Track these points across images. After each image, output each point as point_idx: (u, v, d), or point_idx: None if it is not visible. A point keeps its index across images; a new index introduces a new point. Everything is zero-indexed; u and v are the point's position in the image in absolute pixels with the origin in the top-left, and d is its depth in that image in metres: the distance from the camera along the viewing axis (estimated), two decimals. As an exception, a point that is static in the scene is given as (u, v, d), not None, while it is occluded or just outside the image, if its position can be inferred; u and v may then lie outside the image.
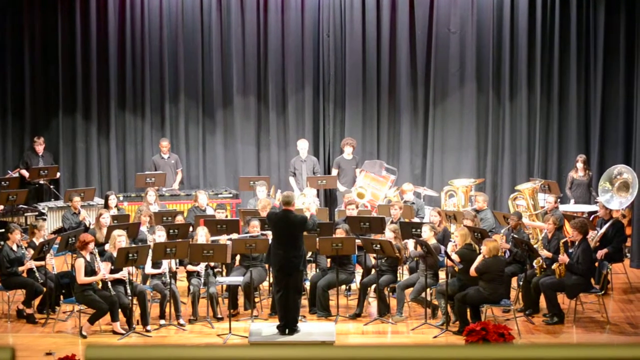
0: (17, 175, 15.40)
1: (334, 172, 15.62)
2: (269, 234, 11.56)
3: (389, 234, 11.94)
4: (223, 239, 12.36)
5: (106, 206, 13.75)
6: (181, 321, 11.54)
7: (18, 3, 16.25)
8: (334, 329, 11.31)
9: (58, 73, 16.34)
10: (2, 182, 14.82)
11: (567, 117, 16.28)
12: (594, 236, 12.70)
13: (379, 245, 11.65)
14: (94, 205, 14.87)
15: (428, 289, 11.69)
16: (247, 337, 11.07)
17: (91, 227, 13.15)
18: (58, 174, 15.83)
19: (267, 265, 11.93)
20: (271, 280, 11.72)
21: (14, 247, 11.82)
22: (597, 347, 2.97)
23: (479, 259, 11.17)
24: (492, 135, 16.43)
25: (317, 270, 12.40)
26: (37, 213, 14.75)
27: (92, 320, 11.18)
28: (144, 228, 12.89)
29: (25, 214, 14.76)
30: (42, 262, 11.76)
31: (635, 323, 11.72)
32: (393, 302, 11.90)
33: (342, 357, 2.95)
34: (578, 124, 16.22)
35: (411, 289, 11.77)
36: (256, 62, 16.55)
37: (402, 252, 11.89)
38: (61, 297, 11.89)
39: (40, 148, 15.84)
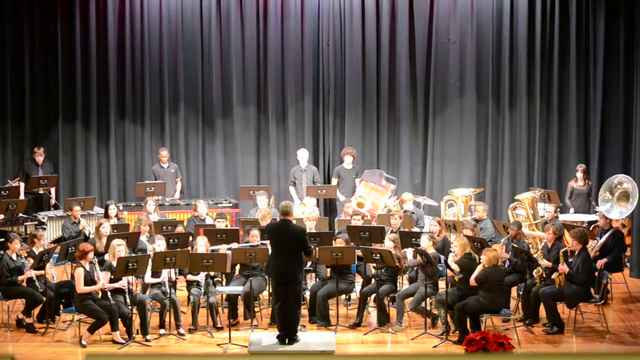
0: (16, 184, 15.39)
1: (334, 181, 15.61)
2: (269, 244, 11.55)
3: (388, 244, 11.93)
4: (223, 248, 12.35)
5: (106, 215, 13.75)
6: (181, 330, 11.53)
7: (17, 13, 16.26)
8: (334, 339, 11.29)
9: (58, 82, 16.35)
10: (2, 192, 14.81)
11: (566, 126, 16.28)
12: (593, 246, 12.70)
13: (378, 255, 11.65)
14: (94, 214, 14.87)
15: (428, 299, 11.69)
16: (247, 346, 11.06)
17: (91, 236, 13.16)
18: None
19: (266, 276, 11.92)
20: (271, 289, 11.71)
21: (14, 257, 11.81)
22: (597, 357, 2.98)
23: (479, 268, 11.17)
24: (491, 144, 16.43)
25: (317, 279, 12.39)
26: (36, 222, 14.75)
27: (91, 329, 11.17)
28: (143, 237, 12.89)
29: (25, 224, 14.76)
30: (42, 272, 11.75)
31: (634, 332, 11.71)
32: (393, 312, 11.89)
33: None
34: (578, 133, 16.23)
35: (411, 298, 11.76)
36: (256, 71, 16.55)
37: (402, 261, 11.89)
38: (61, 306, 11.87)
39: (40, 158, 15.82)
